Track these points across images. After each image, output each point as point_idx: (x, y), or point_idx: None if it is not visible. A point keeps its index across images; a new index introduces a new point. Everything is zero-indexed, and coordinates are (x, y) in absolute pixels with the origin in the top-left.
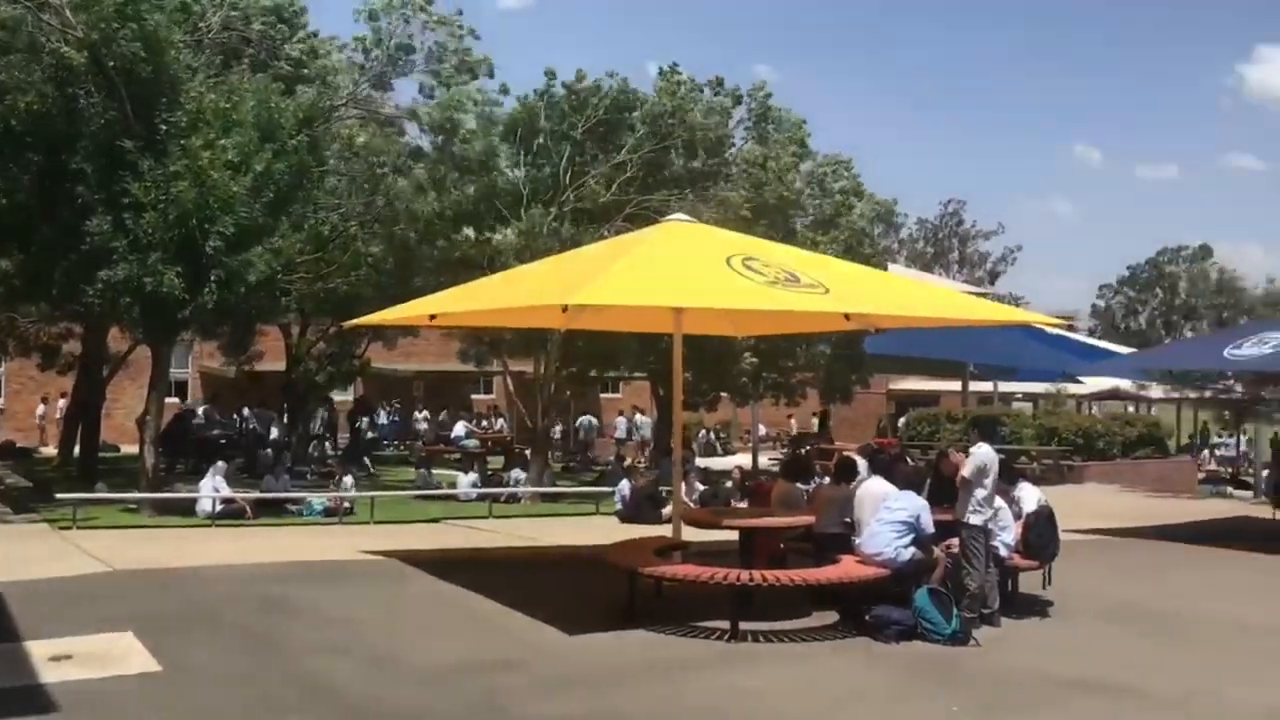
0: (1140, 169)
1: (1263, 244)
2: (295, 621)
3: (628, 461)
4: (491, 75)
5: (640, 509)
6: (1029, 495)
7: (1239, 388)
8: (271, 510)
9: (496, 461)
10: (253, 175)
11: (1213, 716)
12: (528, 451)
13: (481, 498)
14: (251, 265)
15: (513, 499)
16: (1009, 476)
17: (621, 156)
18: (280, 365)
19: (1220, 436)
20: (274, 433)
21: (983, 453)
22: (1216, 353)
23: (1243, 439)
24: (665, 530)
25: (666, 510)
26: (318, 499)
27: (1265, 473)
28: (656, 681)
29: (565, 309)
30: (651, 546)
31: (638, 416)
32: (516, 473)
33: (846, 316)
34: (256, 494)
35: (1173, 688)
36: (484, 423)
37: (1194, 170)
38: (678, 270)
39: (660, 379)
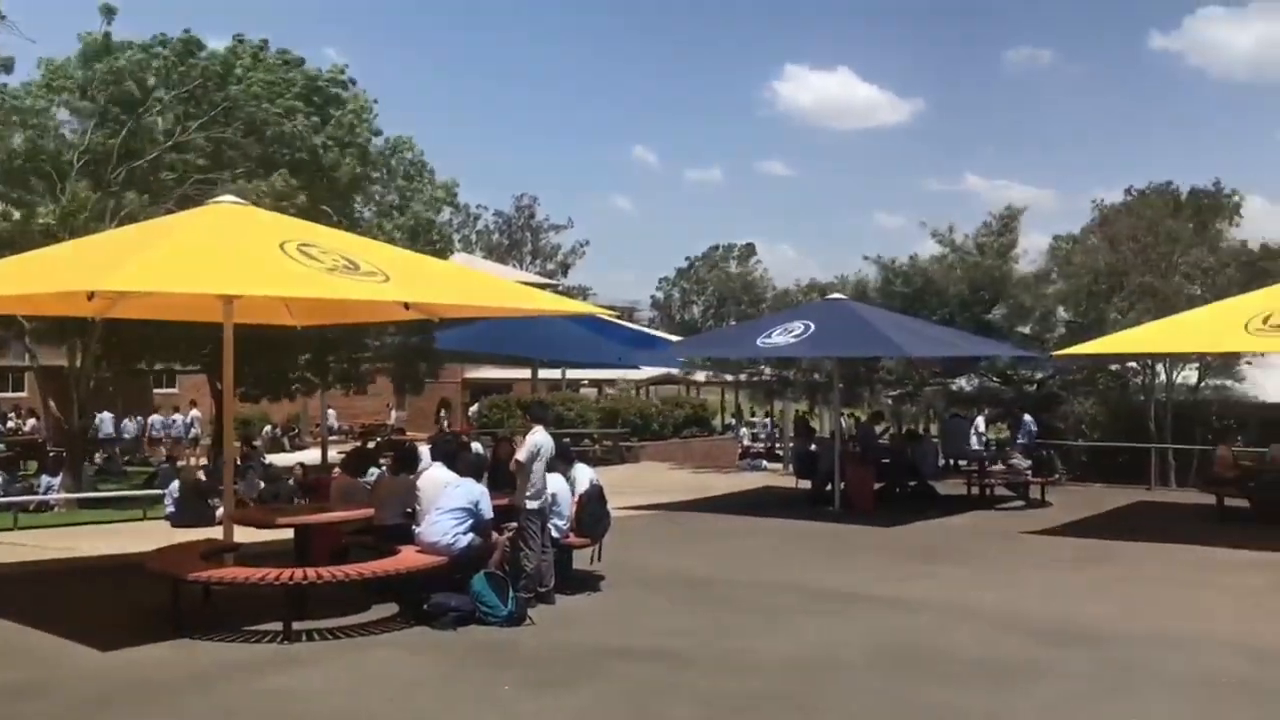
0: (690, 171)
1: (793, 244)
2: None
3: (181, 462)
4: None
5: (191, 511)
6: (582, 475)
7: (768, 371)
8: None
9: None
10: None
11: (740, 669)
12: (64, 453)
13: (5, 508)
14: None
15: (44, 507)
16: (566, 457)
17: (188, 133)
18: None
19: (755, 416)
20: None
21: (536, 437)
22: (751, 341)
23: (767, 418)
24: (219, 532)
25: (221, 511)
26: None
27: (792, 447)
28: (203, 692)
29: (91, 296)
30: (198, 550)
31: (193, 412)
32: (48, 478)
33: (406, 306)
34: None
35: (708, 647)
36: (9, 423)
37: (736, 174)
38: (227, 255)
39: (217, 371)
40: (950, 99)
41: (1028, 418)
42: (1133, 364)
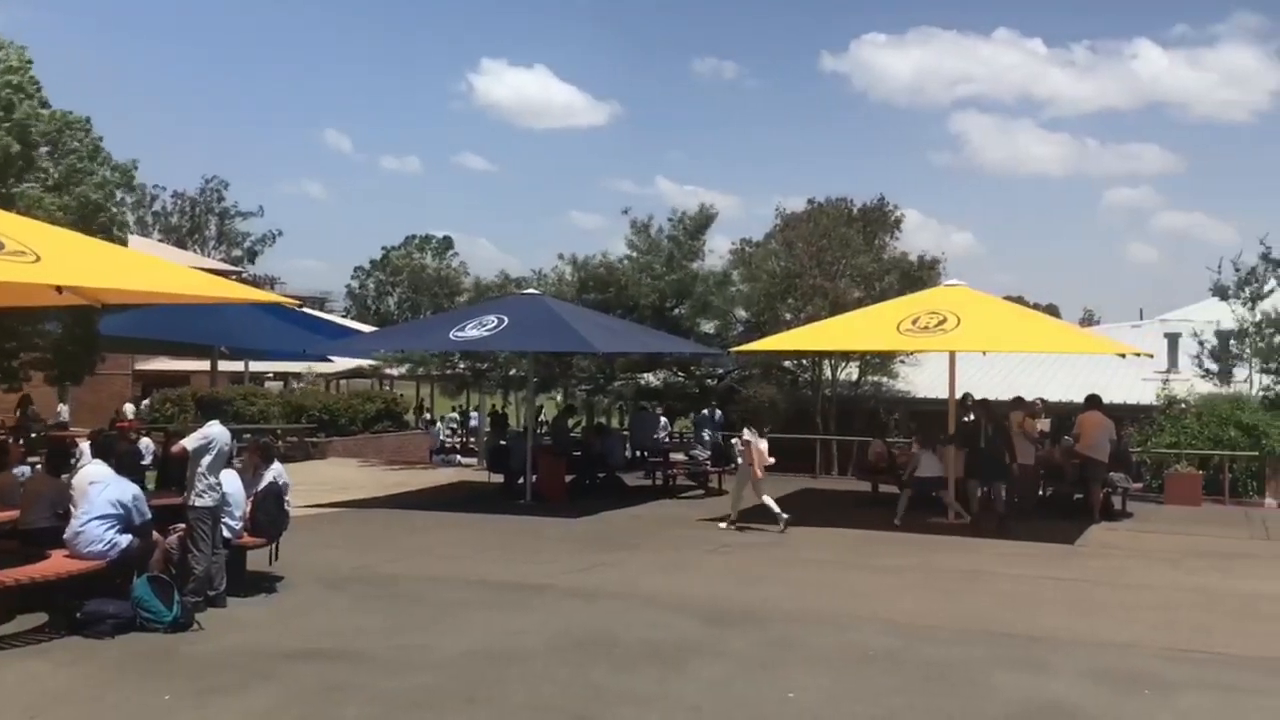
0: (386, 160)
1: (491, 239)
2: None
3: None
4: None
5: None
6: (271, 473)
7: (463, 365)
8: None
9: None
10: None
11: (418, 665)
12: None
13: None
14: None
15: None
16: (265, 455)
17: None
18: None
19: (453, 411)
20: None
21: (210, 429)
22: (444, 334)
23: (472, 412)
24: None
25: None
26: None
27: (485, 441)
28: None
29: None
30: None
31: None
32: None
33: (59, 289)
34: None
35: (387, 645)
36: None
37: (434, 165)
38: None
39: None
40: (643, 104)
41: (708, 412)
42: (803, 360)
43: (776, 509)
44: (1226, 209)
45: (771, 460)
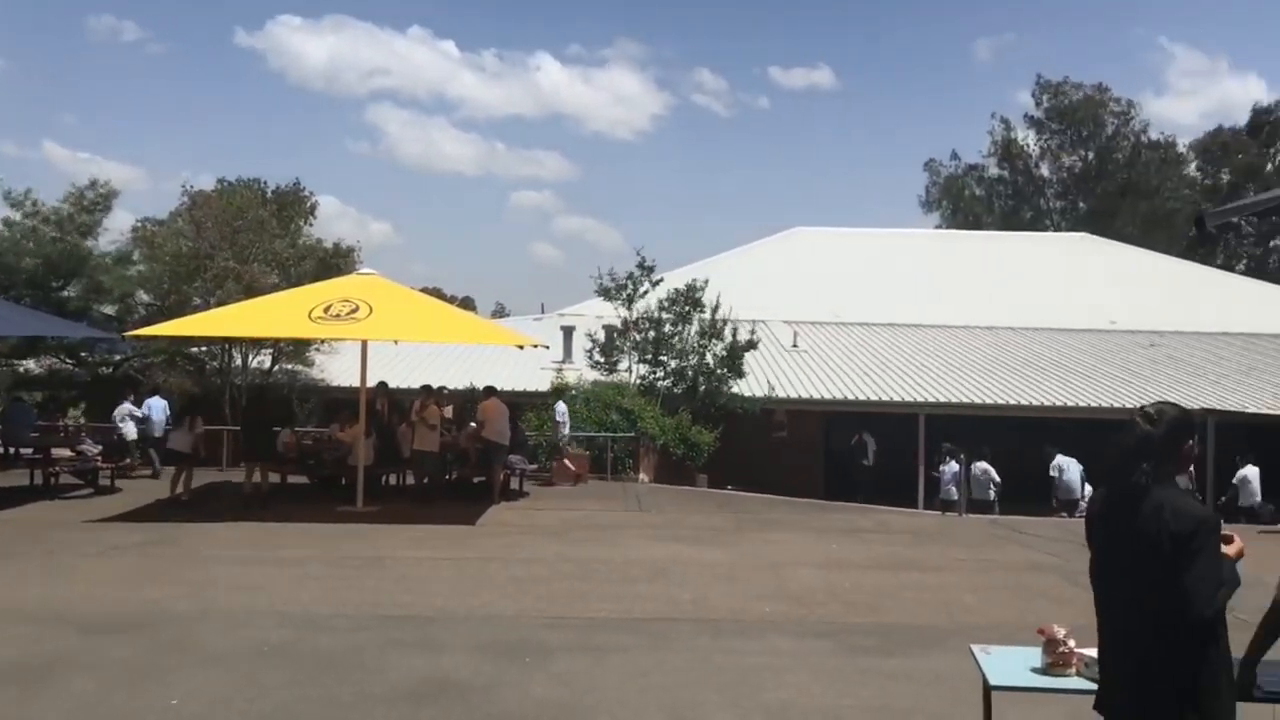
0: None
1: None
2: None
3: None
4: None
5: None
6: None
7: None
8: None
9: None
10: None
11: None
12: None
13: None
14: None
15: None
16: None
17: None
18: None
19: None
20: None
21: None
22: None
23: None
24: None
25: None
26: None
27: None
28: None
29: None
30: None
31: None
32: None
33: None
34: None
35: None
36: None
37: None
38: None
39: None
40: (26, 58)
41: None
42: (212, 347)
43: None
44: (614, 216)
45: None
